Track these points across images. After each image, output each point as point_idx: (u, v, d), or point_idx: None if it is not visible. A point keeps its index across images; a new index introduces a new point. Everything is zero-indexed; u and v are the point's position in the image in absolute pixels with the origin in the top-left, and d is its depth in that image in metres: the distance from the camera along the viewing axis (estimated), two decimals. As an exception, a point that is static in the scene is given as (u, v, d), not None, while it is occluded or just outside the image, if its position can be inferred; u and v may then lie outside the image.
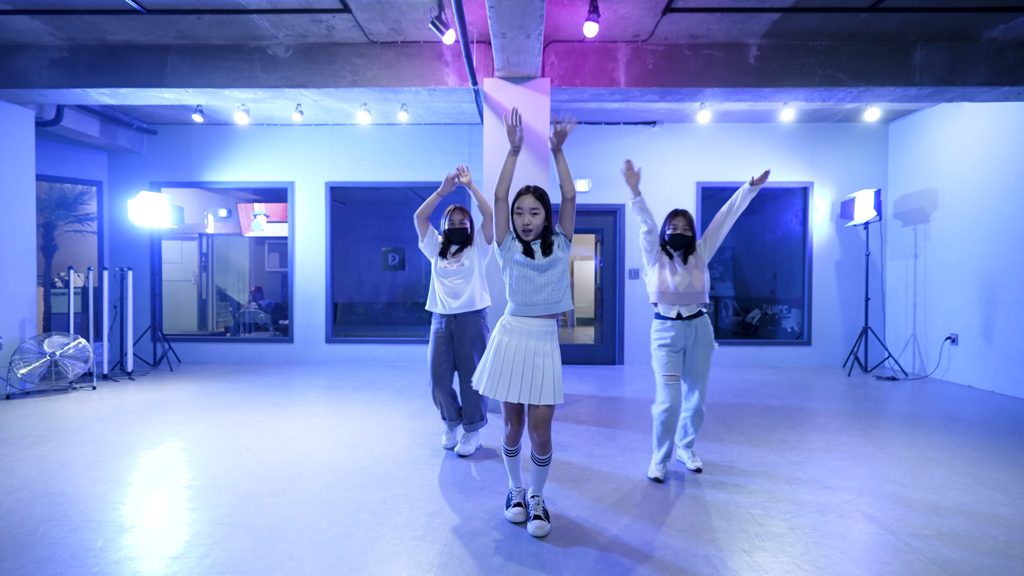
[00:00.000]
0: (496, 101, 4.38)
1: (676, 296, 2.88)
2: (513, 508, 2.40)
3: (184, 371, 6.15)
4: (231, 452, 3.31)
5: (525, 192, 2.34)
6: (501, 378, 2.28)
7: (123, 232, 6.75)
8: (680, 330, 2.88)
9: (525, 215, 2.31)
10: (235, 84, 4.57)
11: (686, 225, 2.91)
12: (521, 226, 2.32)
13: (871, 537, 2.26)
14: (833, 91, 4.62)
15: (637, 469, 3.06)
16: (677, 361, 2.90)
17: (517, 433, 2.37)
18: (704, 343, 2.91)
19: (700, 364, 2.92)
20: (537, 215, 2.32)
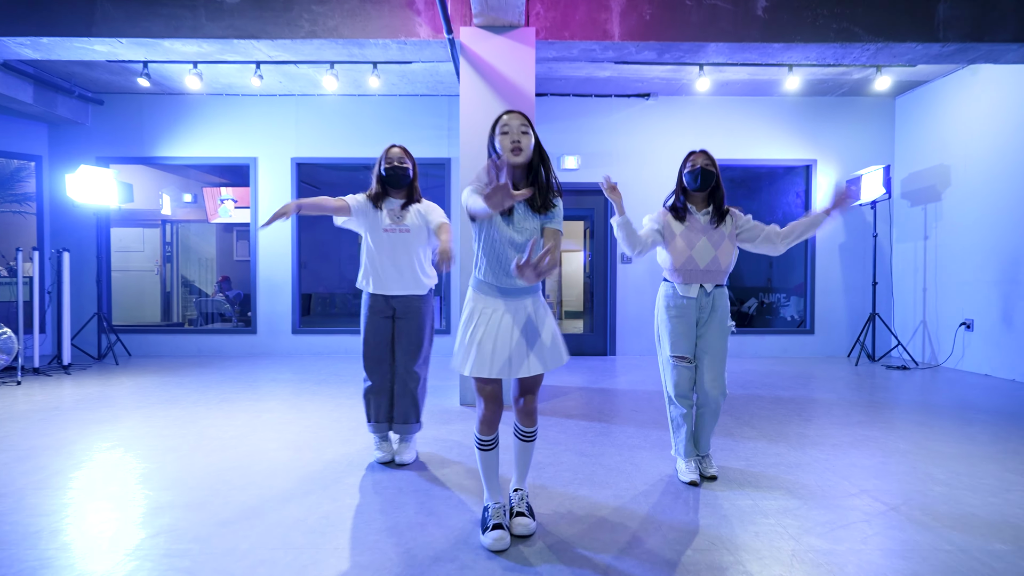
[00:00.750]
0: (474, 53, 3.86)
1: (696, 274, 2.37)
2: (493, 532, 1.83)
3: (132, 365, 5.56)
4: (152, 455, 2.76)
5: (508, 113, 1.85)
6: (495, 353, 1.82)
7: (65, 213, 6.12)
8: (696, 302, 2.40)
9: (513, 132, 1.80)
10: (176, 34, 3.99)
11: (707, 161, 2.37)
12: (509, 144, 1.79)
13: (935, 554, 1.80)
14: (848, 48, 4.17)
15: (637, 470, 2.57)
16: (691, 338, 2.41)
17: (497, 414, 1.89)
18: (720, 318, 2.43)
19: (718, 341, 2.42)
20: (527, 135, 1.82)
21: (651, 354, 6.25)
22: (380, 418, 2.66)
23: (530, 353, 1.86)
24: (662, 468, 2.61)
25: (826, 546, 1.85)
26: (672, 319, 2.41)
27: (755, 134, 6.30)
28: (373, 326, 2.63)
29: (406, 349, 2.66)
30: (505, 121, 1.84)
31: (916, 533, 1.95)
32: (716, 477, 2.46)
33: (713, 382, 2.40)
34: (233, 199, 8.74)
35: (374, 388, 2.65)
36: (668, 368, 2.44)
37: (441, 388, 4.45)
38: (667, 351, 2.43)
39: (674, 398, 2.44)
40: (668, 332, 2.42)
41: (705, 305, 2.41)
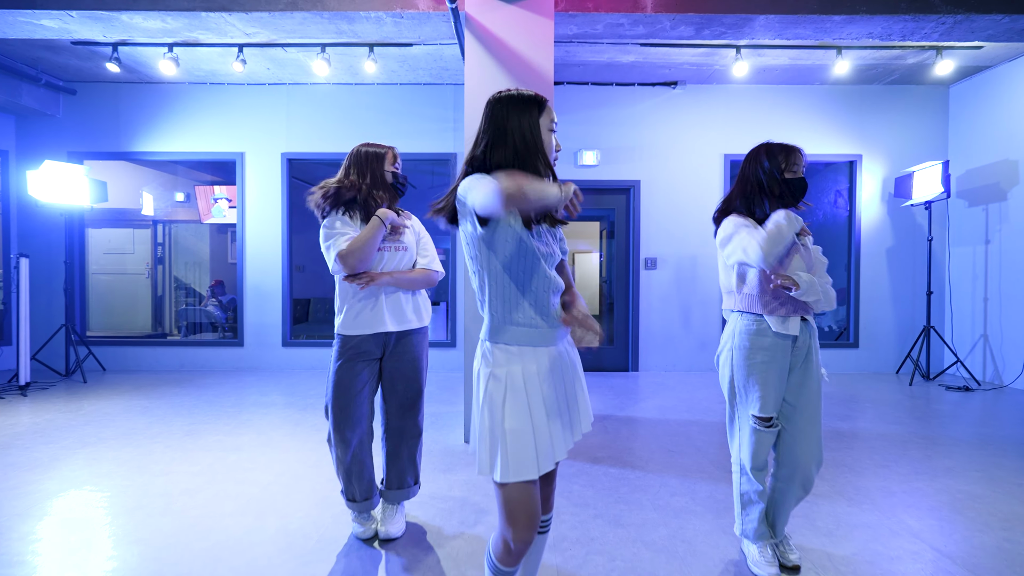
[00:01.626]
0: (482, 26, 3.27)
1: (795, 302, 1.76)
2: None
3: (104, 382, 5.01)
4: (78, 515, 2.19)
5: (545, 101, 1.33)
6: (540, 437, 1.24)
7: (34, 214, 5.59)
8: (796, 343, 1.79)
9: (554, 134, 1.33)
10: (134, 6, 3.43)
11: (804, 164, 1.85)
12: (555, 145, 1.34)
13: None
14: (921, 21, 3.54)
15: (693, 554, 1.97)
16: (782, 390, 1.80)
17: (534, 536, 1.28)
18: (816, 363, 1.82)
19: (815, 393, 1.81)
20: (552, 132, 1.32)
21: (678, 370, 5.64)
22: (368, 494, 2.04)
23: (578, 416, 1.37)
24: (723, 548, 2.01)
25: None
26: (760, 365, 1.78)
27: (793, 126, 5.67)
28: (353, 371, 1.98)
29: (403, 397, 2.07)
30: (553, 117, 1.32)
31: None
32: (799, 568, 1.85)
33: (809, 450, 1.79)
34: (227, 198, 8.22)
35: (357, 457, 2.00)
36: (747, 432, 1.83)
37: (445, 417, 3.87)
38: (751, 409, 1.81)
39: (751, 472, 1.83)
40: (755, 384, 1.79)
41: (803, 346, 1.80)
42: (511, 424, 1.23)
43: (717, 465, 2.90)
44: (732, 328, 1.86)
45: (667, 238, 5.65)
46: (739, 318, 1.84)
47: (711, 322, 5.68)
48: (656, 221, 5.66)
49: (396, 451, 2.08)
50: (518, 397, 1.24)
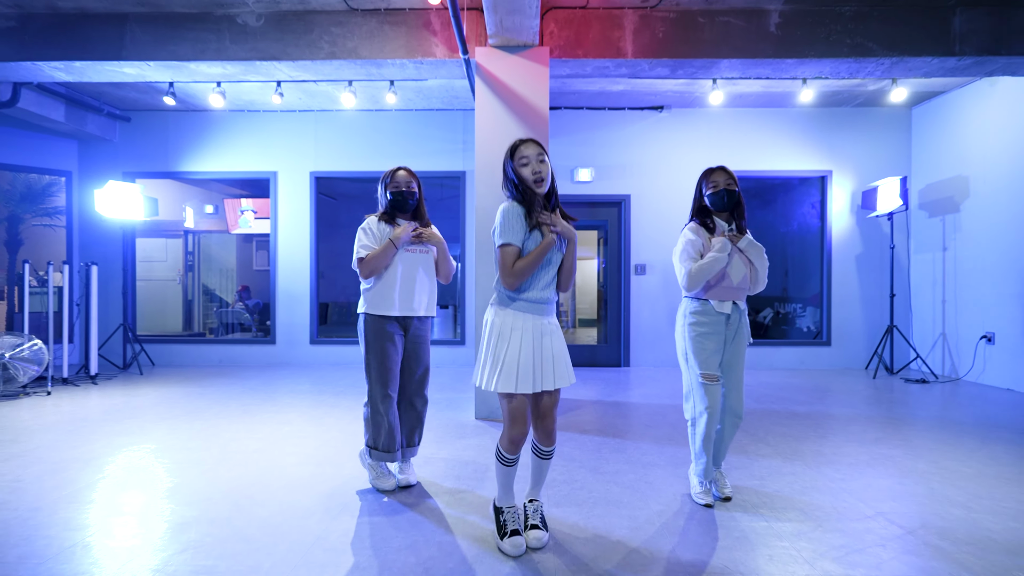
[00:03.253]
0: (489, 73, 3.93)
1: (730, 290, 2.37)
2: (512, 538, 1.98)
3: (156, 374, 5.70)
4: (177, 468, 2.85)
5: (524, 142, 1.98)
6: (523, 369, 1.93)
7: (94, 226, 6.31)
8: (729, 319, 2.40)
9: (532, 163, 1.94)
10: (201, 56, 4.13)
11: (729, 179, 2.36)
12: (531, 176, 1.93)
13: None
14: (863, 63, 4.17)
15: (652, 489, 2.59)
16: (719, 355, 2.40)
17: (525, 434, 1.98)
18: (744, 335, 2.43)
19: (739, 360, 2.43)
20: (544, 163, 1.96)
21: (666, 366, 6.25)
22: (395, 447, 2.56)
23: (554, 368, 1.99)
24: (677, 487, 2.63)
25: (841, 571, 1.86)
26: (702, 337, 2.38)
27: (770, 145, 6.30)
28: (387, 347, 2.53)
29: (420, 374, 2.66)
30: (523, 152, 1.95)
31: (932, 559, 1.95)
32: (730, 498, 2.47)
33: (738, 399, 2.43)
34: (253, 210, 8.94)
35: (392, 414, 2.55)
36: (698, 388, 2.39)
37: (455, 401, 4.50)
38: (697, 370, 2.39)
39: (708, 419, 2.37)
40: (698, 351, 2.37)
41: (734, 322, 2.40)
42: (505, 357, 1.93)
43: (685, 435, 3.51)
44: (682, 310, 2.47)
45: (655, 247, 6.27)
46: (687, 302, 2.45)
47: (696, 322, 6.28)
48: (645, 231, 6.29)
49: (414, 414, 2.66)
50: (512, 342, 1.94)
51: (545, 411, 2.04)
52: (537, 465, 2.12)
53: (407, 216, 2.63)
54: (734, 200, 2.38)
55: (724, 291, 2.37)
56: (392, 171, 2.60)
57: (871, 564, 1.91)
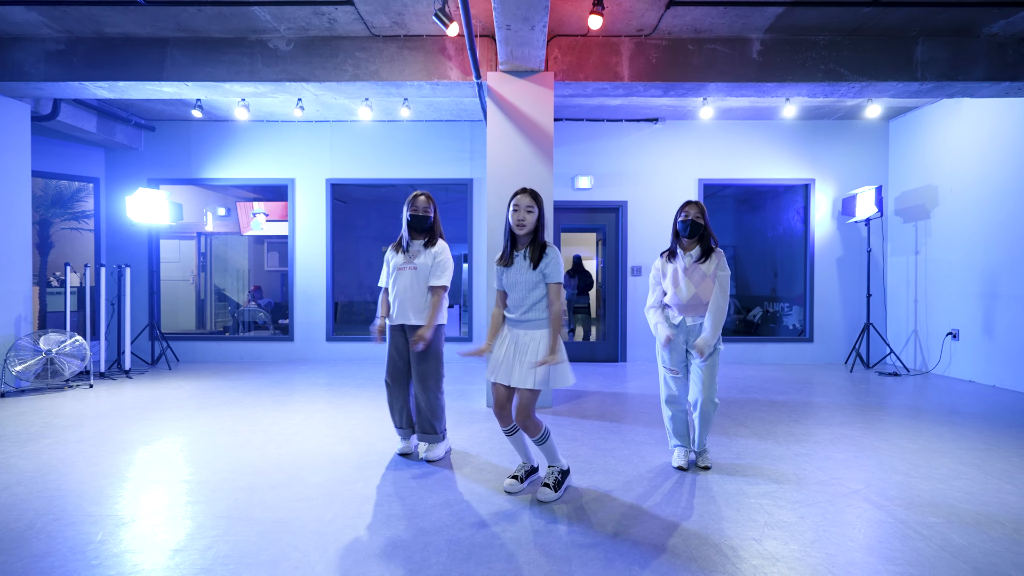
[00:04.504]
0: (499, 95, 4.36)
1: (681, 307, 2.87)
2: (508, 479, 2.65)
3: (182, 370, 6.10)
4: (231, 447, 3.27)
5: (522, 192, 2.52)
6: (495, 364, 2.55)
7: (120, 229, 6.70)
8: (683, 329, 2.88)
9: (521, 211, 2.47)
10: (236, 78, 4.54)
11: (698, 213, 2.85)
12: (516, 221, 2.47)
13: (880, 525, 2.24)
14: (836, 86, 4.61)
15: (643, 461, 3.03)
16: (681, 354, 2.89)
17: (500, 415, 2.55)
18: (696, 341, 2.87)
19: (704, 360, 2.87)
20: (532, 213, 2.48)
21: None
22: (400, 423, 3.13)
23: (515, 371, 2.48)
24: (664, 459, 3.07)
25: (793, 519, 2.30)
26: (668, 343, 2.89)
27: (757, 155, 6.74)
28: (390, 347, 3.10)
29: (419, 374, 3.02)
30: (516, 201, 2.49)
31: (869, 511, 2.39)
32: (709, 468, 2.91)
33: (703, 392, 2.84)
34: (265, 212, 9.33)
35: (393, 395, 3.11)
36: (662, 376, 2.95)
37: (467, 392, 4.93)
38: (660, 365, 2.95)
39: (666, 402, 2.97)
40: (662, 349, 2.90)
41: (691, 332, 2.87)
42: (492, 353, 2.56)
43: (673, 420, 3.96)
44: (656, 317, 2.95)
45: (650, 250, 6.72)
46: (664, 309, 2.97)
47: (687, 320, 6.74)
48: (641, 235, 6.73)
49: (417, 407, 3.08)
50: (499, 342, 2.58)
51: (517, 406, 2.49)
52: (534, 446, 2.74)
53: (422, 235, 3.07)
54: (698, 231, 2.85)
55: (677, 307, 2.89)
56: (414, 196, 3.05)
57: (818, 515, 2.35)
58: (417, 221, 3.03)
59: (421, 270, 3.01)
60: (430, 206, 3.05)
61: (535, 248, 2.48)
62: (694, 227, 2.85)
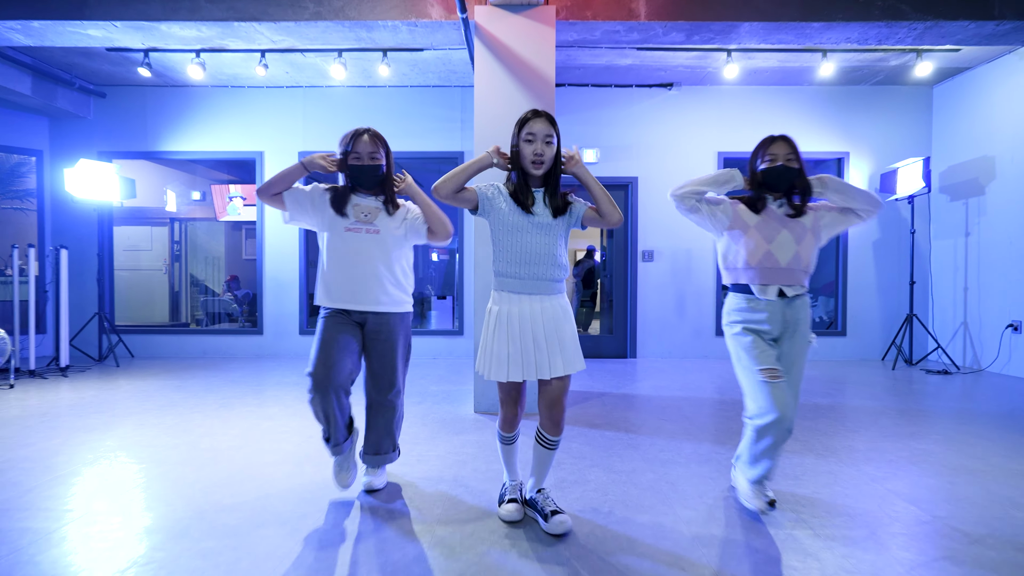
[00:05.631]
0: (490, 35, 3.59)
1: (775, 273, 1.99)
2: (508, 504, 2.01)
3: (134, 366, 5.36)
4: (138, 470, 2.52)
5: (536, 115, 1.86)
6: (511, 358, 1.84)
7: (67, 209, 5.94)
8: (778, 311, 2.00)
9: (538, 142, 1.83)
10: (174, 16, 3.77)
11: (789, 152, 1.98)
12: (531, 154, 1.84)
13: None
14: (894, 27, 3.85)
15: (675, 491, 2.29)
16: (772, 352, 2.01)
17: (516, 416, 1.99)
18: (804, 332, 2.05)
19: (798, 361, 2.04)
20: (551, 145, 1.86)
21: (674, 357, 5.95)
22: (332, 436, 2.15)
23: (550, 355, 1.83)
24: (702, 488, 2.33)
25: (913, 592, 1.56)
26: (747, 331, 2.03)
27: (784, 125, 5.96)
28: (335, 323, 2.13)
29: (378, 378, 2.19)
30: (532, 128, 1.81)
31: (1011, 573, 1.65)
32: (775, 502, 2.10)
33: (793, 402, 1.98)
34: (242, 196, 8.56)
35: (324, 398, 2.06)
36: (759, 388, 1.96)
37: (455, 394, 4.19)
38: (753, 366, 1.98)
39: (760, 428, 1.96)
40: (747, 346, 2.01)
41: (787, 314, 2.02)
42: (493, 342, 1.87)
43: (701, 428, 3.21)
44: (726, 305, 2.13)
45: (664, 232, 5.96)
46: (730, 297, 2.12)
47: (705, 311, 5.99)
48: (653, 216, 5.97)
49: (373, 422, 2.23)
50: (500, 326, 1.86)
51: (552, 399, 1.86)
52: (542, 456, 1.96)
53: (372, 192, 2.18)
54: (790, 178, 1.98)
55: (768, 273, 1.99)
56: (351, 136, 2.09)
57: (947, 584, 1.61)
58: (364, 175, 2.10)
59: (386, 234, 2.14)
60: (378, 149, 2.10)
61: (554, 193, 1.89)
62: (784, 174, 1.98)
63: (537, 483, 2.01)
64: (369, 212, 2.15)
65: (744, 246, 2.04)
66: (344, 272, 2.12)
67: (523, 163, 1.84)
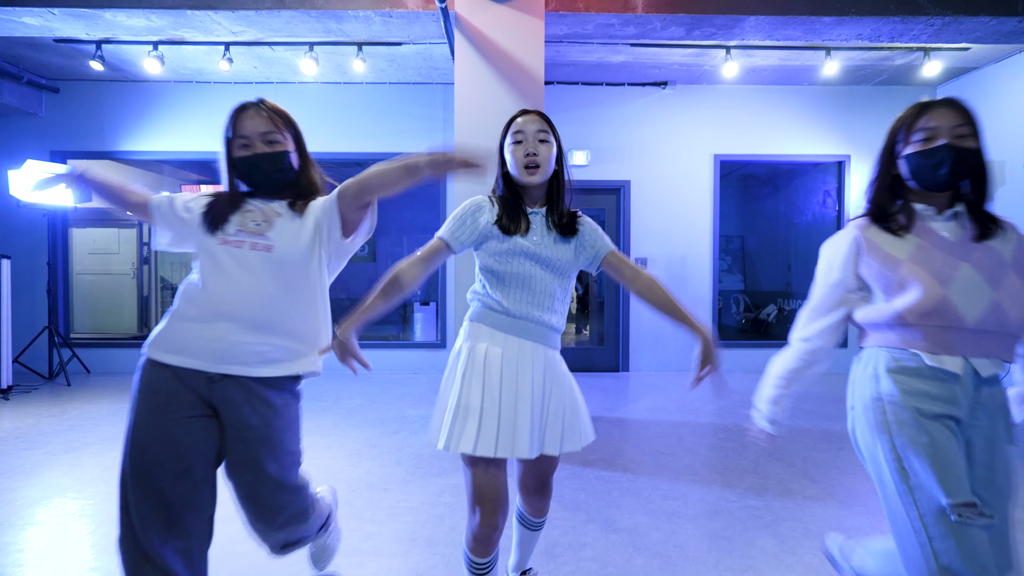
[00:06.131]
0: (472, 26, 3.24)
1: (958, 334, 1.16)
2: None
3: (87, 385, 4.93)
4: (59, 530, 2.14)
5: (523, 113, 1.43)
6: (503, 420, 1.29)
7: (16, 214, 5.48)
8: (967, 396, 1.17)
9: (528, 140, 1.38)
10: (118, 3, 3.36)
11: (960, 124, 1.19)
12: (522, 156, 1.37)
13: None
14: (910, 23, 3.56)
15: (686, 559, 1.97)
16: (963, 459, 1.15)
17: (499, 524, 1.32)
18: (1001, 425, 1.20)
19: (1001, 477, 1.17)
20: (547, 143, 1.39)
21: (668, 371, 5.65)
22: None
23: (554, 423, 1.37)
24: (715, 553, 2.01)
25: None
26: (921, 421, 1.15)
27: (783, 127, 5.69)
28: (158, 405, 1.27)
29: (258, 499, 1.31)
30: (520, 125, 1.38)
31: None
32: None
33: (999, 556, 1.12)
34: (214, 197, 8.12)
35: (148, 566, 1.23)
36: (938, 527, 1.10)
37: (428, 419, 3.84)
38: (936, 494, 1.11)
39: None
40: (921, 452, 1.14)
41: (986, 397, 1.17)
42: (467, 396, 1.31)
43: (708, 467, 2.91)
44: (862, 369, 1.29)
45: (657, 238, 5.66)
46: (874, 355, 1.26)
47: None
48: (646, 221, 5.66)
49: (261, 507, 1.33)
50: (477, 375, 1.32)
51: (541, 477, 1.47)
52: (523, 535, 1.59)
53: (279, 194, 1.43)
54: (965, 167, 1.19)
55: (944, 333, 1.16)
56: (232, 113, 1.41)
57: None
58: (258, 170, 1.38)
59: (282, 251, 1.34)
60: (277, 129, 1.39)
61: (557, 208, 1.41)
62: (960, 160, 1.18)
63: (521, 562, 1.68)
64: (263, 218, 1.37)
65: (897, 293, 1.20)
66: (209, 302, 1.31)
67: (516, 172, 1.39)
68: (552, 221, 1.40)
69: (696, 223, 5.66)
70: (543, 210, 1.42)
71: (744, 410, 4.11)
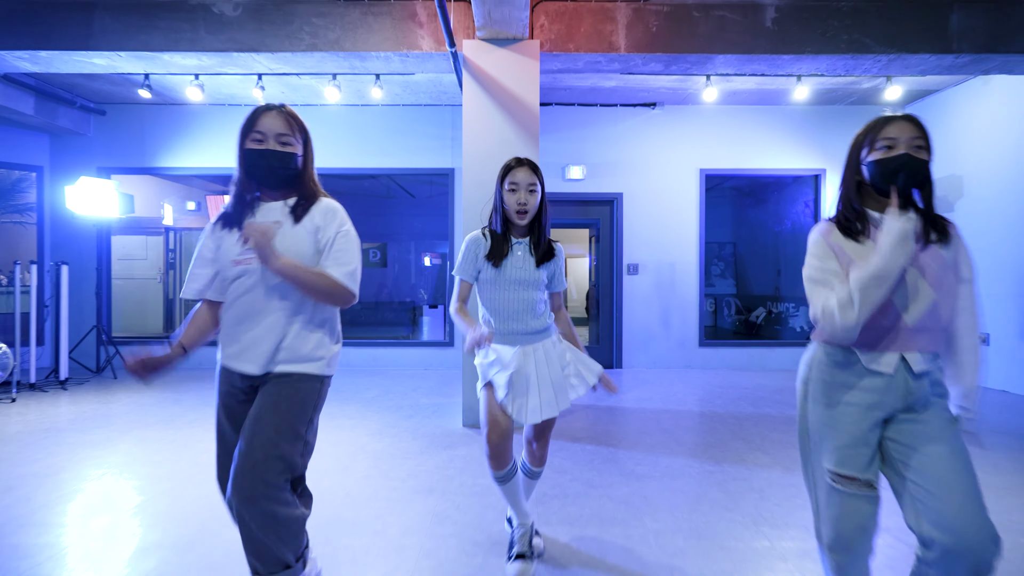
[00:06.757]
0: (477, 67, 3.78)
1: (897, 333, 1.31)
2: (516, 562, 1.86)
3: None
4: (144, 484, 2.68)
5: (518, 164, 1.86)
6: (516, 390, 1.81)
7: (66, 224, 6.07)
8: (900, 387, 1.31)
9: (521, 191, 1.84)
10: (175, 47, 3.93)
11: (918, 137, 1.32)
12: (515, 204, 1.84)
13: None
14: (860, 59, 4.07)
15: (647, 504, 2.47)
16: (872, 443, 1.33)
17: (506, 449, 1.81)
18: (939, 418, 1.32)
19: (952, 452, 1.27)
20: (535, 193, 1.86)
21: (658, 367, 6.15)
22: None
23: (543, 397, 1.83)
24: (671, 500, 2.51)
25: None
26: (837, 404, 1.35)
27: (763, 143, 6.20)
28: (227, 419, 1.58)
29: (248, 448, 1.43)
30: (514, 177, 1.84)
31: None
32: None
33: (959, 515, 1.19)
34: (236, 207, 8.69)
35: None
36: (823, 492, 1.37)
37: (445, 407, 4.36)
38: (824, 462, 1.36)
39: (828, 547, 1.37)
40: (826, 425, 1.36)
41: (914, 388, 1.30)
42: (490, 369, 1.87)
43: (679, 443, 3.40)
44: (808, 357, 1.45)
45: (648, 246, 6.17)
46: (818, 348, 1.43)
47: (689, 323, 6.20)
48: (637, 231, 6.18)
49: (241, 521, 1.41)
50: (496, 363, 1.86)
51: (538, 435, 1.93)
52: (526, 483, 2.02)
53: (277, 193, 1.57)
54: (919, 177, 1.32)
55: (884, 334, 1.31)
56: (253, 113, 1.54)
57: (880, 589, 1.80)
58: (263, 165, 1.50)
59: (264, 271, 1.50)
60: (289, 132, 1.53)
61: (538, 241, 1.89)
62: (915, 170, 1.31)
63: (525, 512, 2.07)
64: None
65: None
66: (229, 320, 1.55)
67: (508, 214, 1.84)
68: (532, 250, 1.86)
69: (684, 232, 6.17)
70: (526, 240, 1.88)
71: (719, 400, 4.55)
